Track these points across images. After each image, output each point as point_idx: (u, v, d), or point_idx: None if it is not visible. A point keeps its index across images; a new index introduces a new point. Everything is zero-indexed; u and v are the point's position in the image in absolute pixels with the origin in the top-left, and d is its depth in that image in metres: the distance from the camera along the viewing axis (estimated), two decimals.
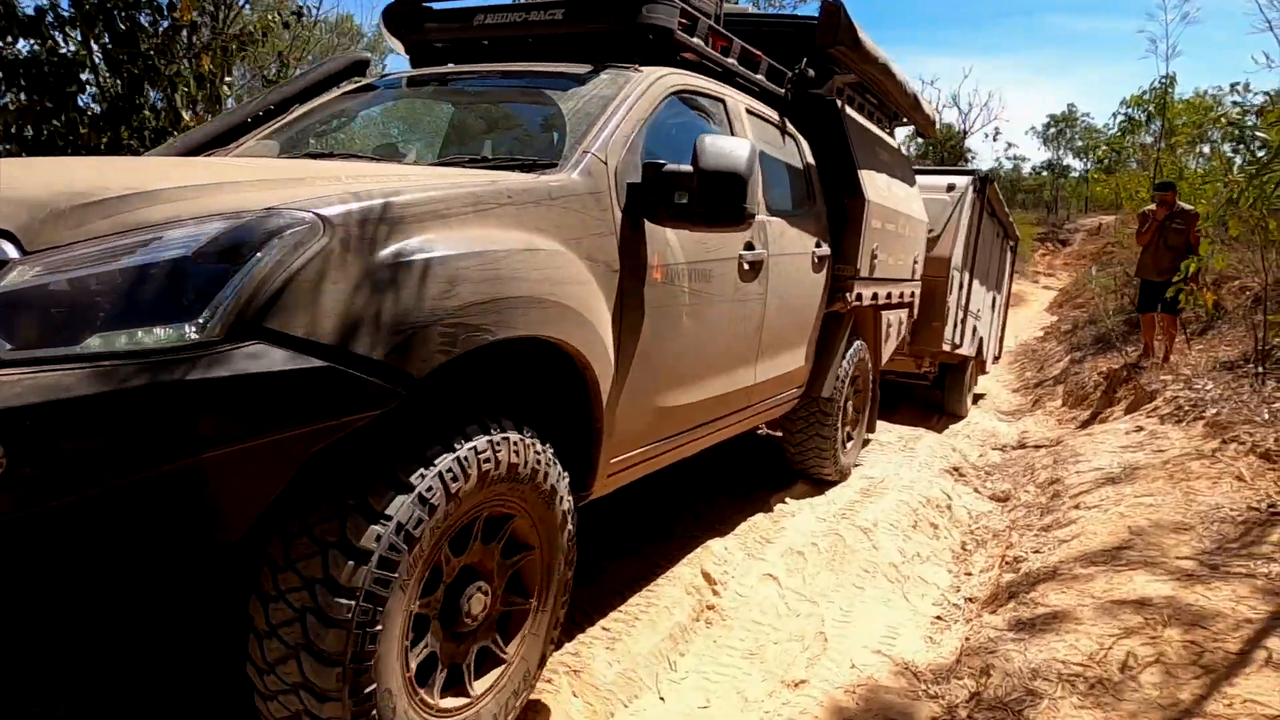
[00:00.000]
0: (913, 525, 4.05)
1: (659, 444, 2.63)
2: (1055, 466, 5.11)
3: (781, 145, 3.65)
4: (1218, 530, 3.37)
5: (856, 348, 4.39)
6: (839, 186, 4.00)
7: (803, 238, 3.56)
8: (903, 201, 4.74)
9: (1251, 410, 5.02)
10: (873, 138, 4.54)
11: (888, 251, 4.42)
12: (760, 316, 3.15)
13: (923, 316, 6.61)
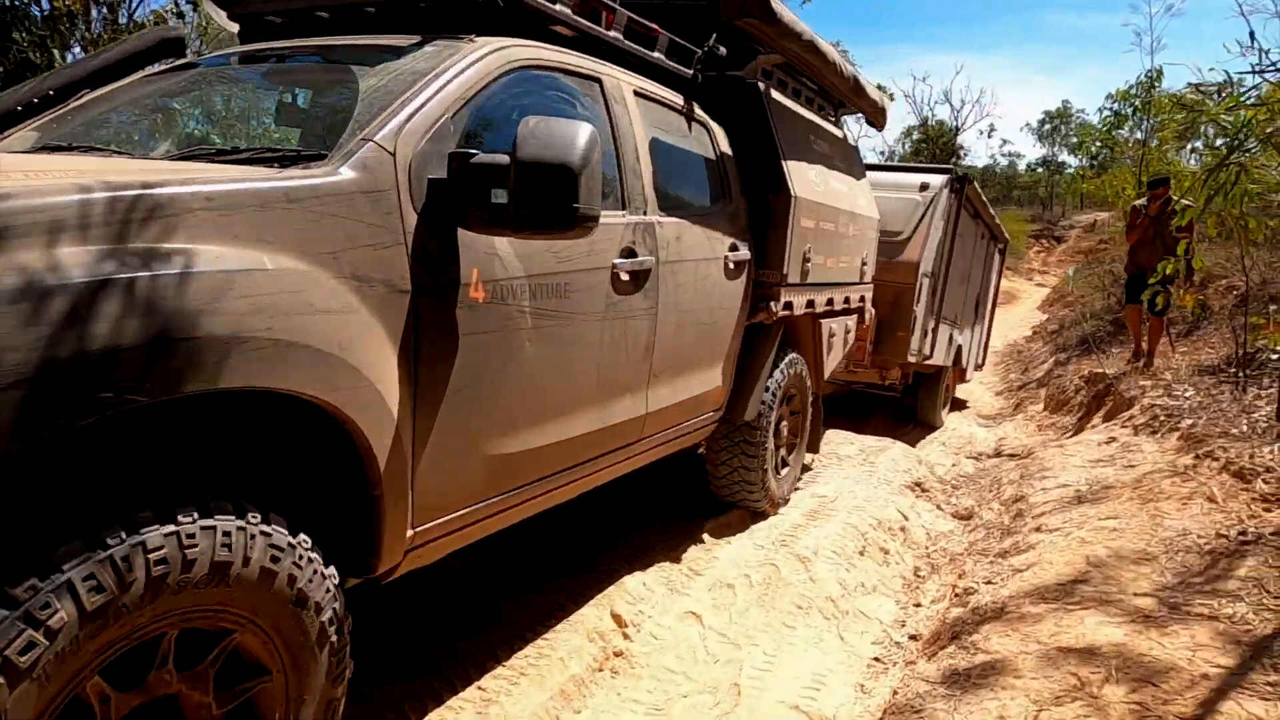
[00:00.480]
0: (860, 551, 3.76)
1: (500, 499, 2.16)
2: (1021, 482, 4.82)
3: (686, 133, 3.22)
4: (1182, 561, 3.07)
5: (789, 362, 3.97)
6: (762, 181, 3.55)
7: (712, 240, 3.15)
8: (845, 197, 4.31)
9: (1229, 421, 4.73)
10: (808, 126, 4.11)
11: (826, 253, 4.00)
12: (649, 335, 2.73)
13: (886, 326, 6.24)
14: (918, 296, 6.40)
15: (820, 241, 3.91)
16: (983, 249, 8.75)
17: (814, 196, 3.78)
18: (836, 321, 4.52)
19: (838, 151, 4.46)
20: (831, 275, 4.15)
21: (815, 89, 4.35)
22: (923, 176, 6.93)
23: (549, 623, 2.77)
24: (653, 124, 2.92)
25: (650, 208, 2.75)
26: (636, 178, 2.69)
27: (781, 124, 3.68)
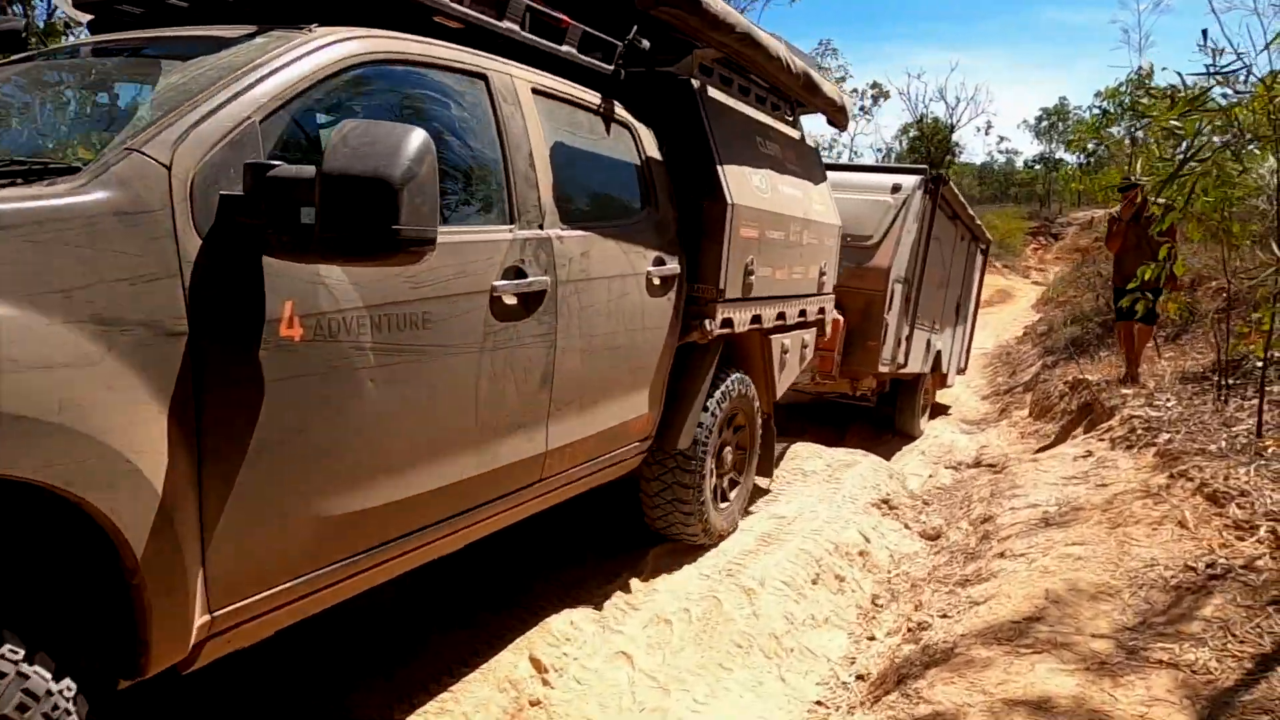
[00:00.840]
0: (812, 580, 3.56)
1: (346, 564, 1.85)
2: (991, 500, 4.62)
3: (603, 136, 2.92)
4: (1145, 598, 2.88)
5: (732, 384, 3.66)
6: (695, 187, 3.23)
7: (631, 254, 2.87)
8: (799, 203, 3.99)
9: (1208, 436, 4.53)
10: (754, 127, 3.78)
11: (774, 264, 3.69)
12: (546, 364, 2.44)
13: (857, 335, 5.98)
14: (889, 304, 6.09)
15: (767, 252, 3.60)
16: (963, 251, 8.46)
17: (757, 203, 3.48)
18: (790, 337, 4.20)
19: (792, 154, 4.15)
20: (782, 288, 3.86)
21: (766, 87, 4.03)
22: (895, 177, 6.59)
23: (459, 670, 2.57)
24: (558, 126, 2.63)
25: (548, 220, 2.45)
26: (530, 186, 2.39)
27: (719, 124, 3.36)
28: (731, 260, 3.29)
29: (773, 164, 3.79)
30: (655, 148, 3.20)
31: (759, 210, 3.49)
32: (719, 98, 3.49)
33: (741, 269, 3.40)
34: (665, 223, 3.14)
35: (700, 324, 3.25)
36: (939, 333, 7.78)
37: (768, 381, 4.05)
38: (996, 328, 18.06)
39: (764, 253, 3.58)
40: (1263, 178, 4.61)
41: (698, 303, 3.28)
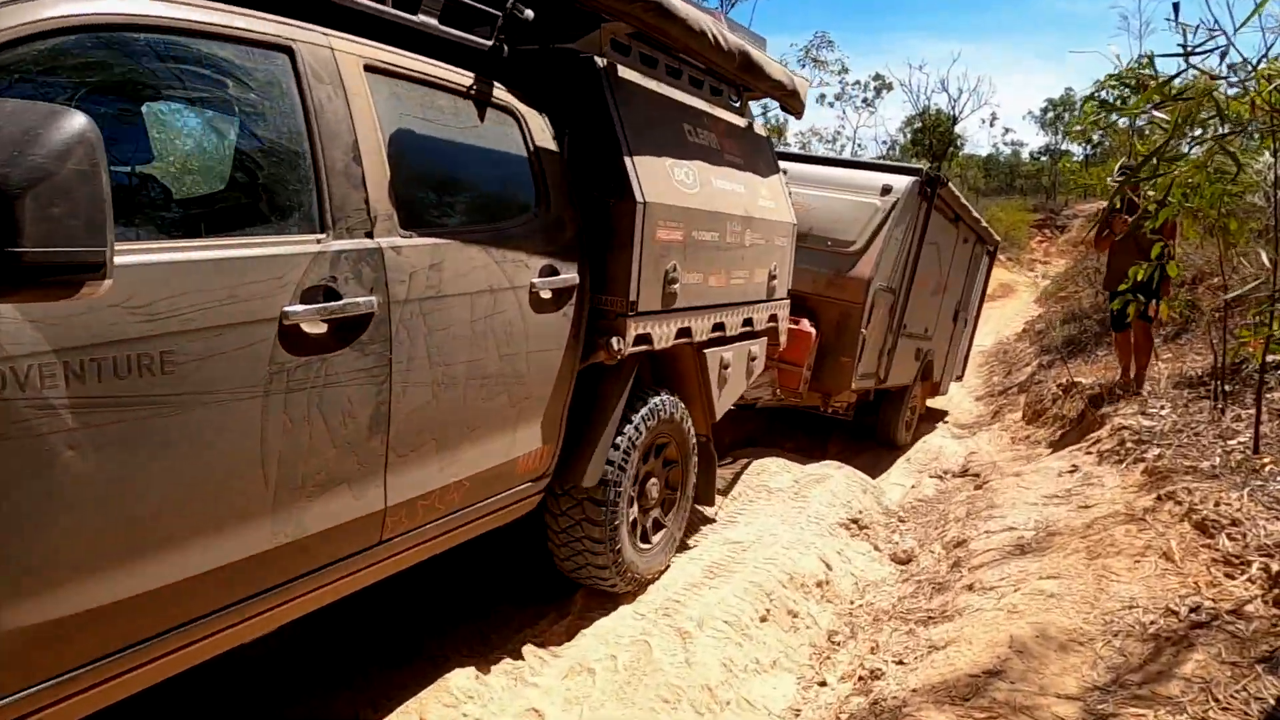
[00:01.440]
0: (761, 617, 3.25)
1: (65, 680, 1.46)
2: (967, 521, 4.30)
3: (474, 123, 2.45)
4: (1120, 649, 2.56)
5: (656, 407, 3.21)
6: (600, 183, 2.81)
7: (508, 264, 2.43)
8: (739, 199, 3.54)
9: (1201, 451, 4.20)
10: (684, 113, 3.32)
11: (705, 269, 3.27)
12: (377, 404, 2.00)
13: (829, 350, 5.54)
14: (866, 317, 5.58)
15: (696, 256, 3.20)
16: (965, 254, 7.86)
17: (680, 200, 3.05)
18: (733, 349, 3.75)
19: (734, 144, 3.68)
20: (718, 295, 3.43)
21: (703, 69, 3.54)
22: (886, 177, 5.98)
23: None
24: (405, 111, 2.19)
25: (381, 226, 2.01)
26: (354, 186, 1.96)
27: (632, 110, 2.93)
28: (646, 267, 2.88)
29: (706, 155, 3.35)
30: (550, 138, 2.75)
31: (683, 209, 3.07)
32: (634, 79, 3.04)
33: (660, 277, 2.99)
34: (560, 226, 2.71)
35: (607, 342, 2.83)
36: (930, 341, 7.32)
37: (705, 401, 3.61)
38: (998, 323, 17.67)
39: (692, 257, 3.17)
40: (1260, 173, 4.28)
41: (605, 317, 2.86)
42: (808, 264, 5.46)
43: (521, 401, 2.58)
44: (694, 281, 3.22)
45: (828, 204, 5.78)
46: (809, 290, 5.49)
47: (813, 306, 5.56)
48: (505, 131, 2.59)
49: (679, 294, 3.11)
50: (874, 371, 6.01)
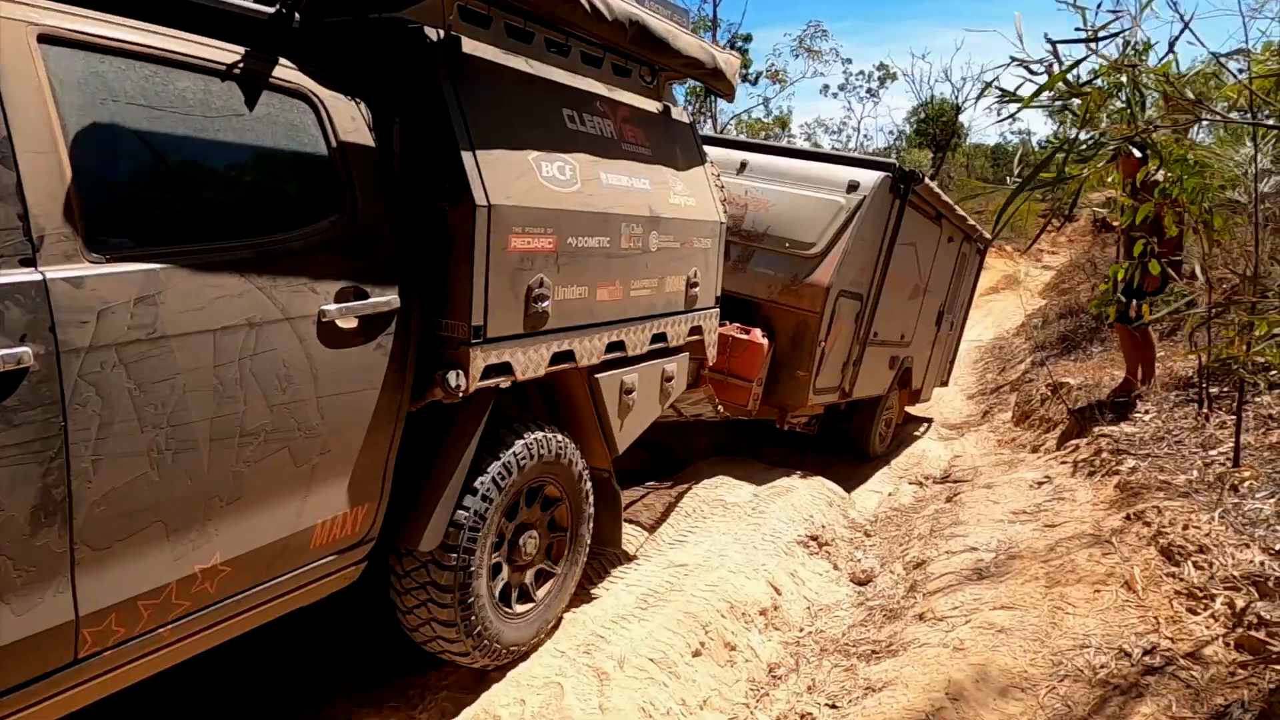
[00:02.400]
0: (695, 651, 3.03)
1: None
2: (930, 539, 4.07)
3: (240, 111, 1.92)
4: (1064, 697, 2.33)
5: (530, 448, 2.70)
6: (434, 183, 2.31)
7: (280, 289, 1.93)
8: (640, 197, 3.05)
9: (1179, 463, 3.95)
10: (563, 97, 2.81)
11: (592, 280, 2.81)
12: (43, 489, 1.54)
13: (783, 364, 5.05)
14: (826, 327, 5.04)
15: (575, 266, 2.71)
16: (950, 254, 7.23)
17: (547, 201, 2.55)
18: (638, 371, 3.24)
19: (638, 132, 3.17)
20: (612, 310, 2.95)
21: (599, 44, 3.01)
22: (854, 171, 5.34)
23: None
24: (112, 96, 1.68)
25: (47, 251, 1.53)
26: (6, 196, 1.49)
27: (480, 94, 2.41)
28: (496, 283, 2.38)
29: (594, 146, 2.88)
30: (364, 129, 2.22)
31: (551, 211, 2.57)
32: (488, 56, 2.51)
33: (521, 294, 2.50)
34: (372, 237, 2.19)
35: (443, 378, 2.31)
36: (909, 347, 6.79)
37: (604, 432, 3.13)
38: (1000, 316, 17.32)
39: (569, 268, 2.69)
40: (1240, 165, 4.02)
41: (445, 345, 2.36)
42: (763, 267, 5.15)
43: (314, 458, 2.07)
44: (574, 297, 2.73)
45: (788, 200, 5.31)
46: (763, 296, 5.11)
47: (767, 314, 5.14)
48: (291, 121, 2.05)
49: (550, 313, 2.62)
50: (837, 385, 5.51)
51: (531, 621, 2.89)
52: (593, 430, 3.11)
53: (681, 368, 3.56)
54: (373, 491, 2.29)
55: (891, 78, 35.81)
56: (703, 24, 23.14)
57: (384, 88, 2.31)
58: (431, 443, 2.50)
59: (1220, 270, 7.48)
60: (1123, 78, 2.00)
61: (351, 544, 2.28)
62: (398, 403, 2.29)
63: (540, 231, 2.54)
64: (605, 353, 2.96)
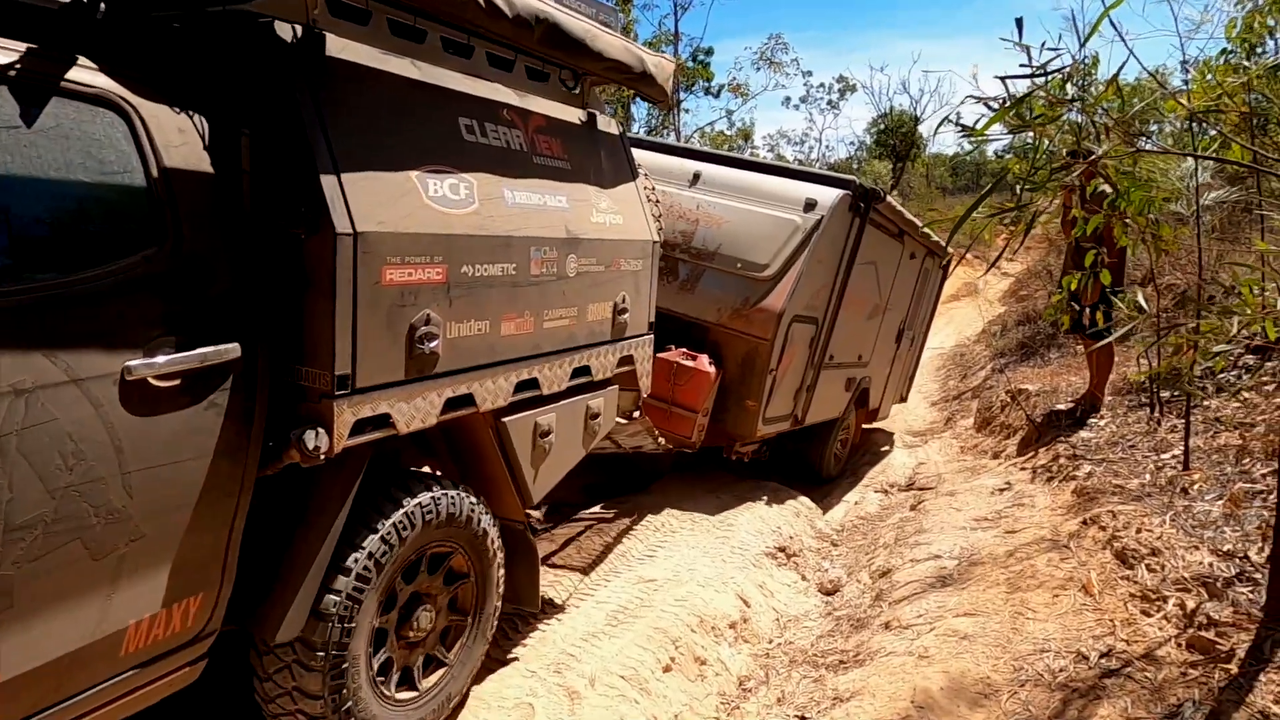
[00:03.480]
0: (665, 666, 3.05)
1: None
2: (895, 548, 4.14)
3: (15, 125, 1.54)
4: (1026, 701, 2.39)
5: (421, 509, 2.33)
6: (287, 208, 1.93)
7: (58, 346, 1.55)
8: (556, 217, 2.72)
9: (1132, 468, 4.07)
10: (457, 105, 2.42)
11: (496, 314, 2.45)
12: None
13: (731, 393, 4.75)
14: (778, 355, 4.72)
15: (471, 298, 2.34)
16: (911, 270, 6.93)
17: (432, 225, 2.19)
18: (556, 410, 2.87)
19: (556, 144, 2.83)
20: (520, 345, 2.58)
21: (510, 44, 2.65)
22: (812, 189, 4.97)
23: None
24: None
25: None
26: None
27: (349, 102, 2.06)
28: (368, 323, 2.01)
29: (498, 161, 2.51)
30: (193, 144, 1.82)
31: (439, 236, 2.21)
32: (364, 59, 2.13)
33: (400, 334, 2.12)
34: (201, 274, 1.80)
35: (300, 438, 1.92)
36: (866, 367, 6.52)
37: (514, 482, 2.76)
38: (961, 323, 17.64)
39: (464, 300, 2.32)
40: (1182, 180, 4.17)
41: (303, 397, 1.98)
42: (713, 288, 4.82)
43: (121, 547, 1.69)
44: (472, 333, 2.37)
45: (741, 218, 4.96)
46: (712, 320, 4.77)
47: (716, 339, 4.80)
48: (90, 135, 1.66)
49: (442, 353, 2.25)
50: (789, 413, 5.20)
51: (427, 705, 2.47)
52: (502, 480, 2.74)
53: (609, 403, 3.22)
54: (210, 577, 1.90)
55: (851, 89, 36.32)
56: (665, 38, 23.33)
57: (232, 95, 1.92)
58: (292, 513, 2.13)
59: (1170, 276, 7.72)
60: (1067, 110, 2.08)
61: (182, 643, 1.88)
62: (241, 471, 1.89)
63: (424, 261, 2.18)
64: (514, 393, 2.59)
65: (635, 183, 3.31)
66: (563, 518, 4.46)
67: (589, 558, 3.97)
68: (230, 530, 1.92)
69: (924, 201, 27.95)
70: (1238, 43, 5.61)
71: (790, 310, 4.71)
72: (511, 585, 2.88)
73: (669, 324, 4.68)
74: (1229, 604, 2.57)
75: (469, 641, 2.63)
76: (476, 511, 2.54)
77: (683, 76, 23.94)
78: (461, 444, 2.74)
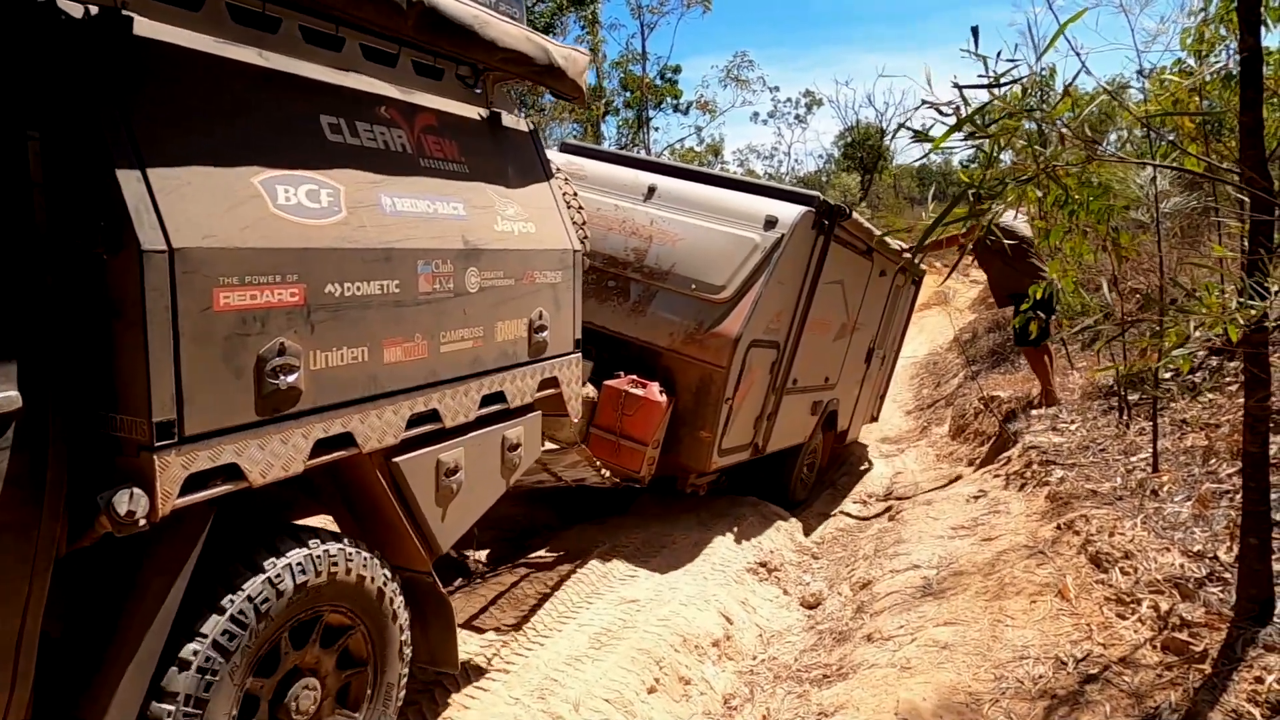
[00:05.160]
0: (649, 688, 3.03)
1: None
2: (874, 559, 4.16)
3: None
4: (1008, 710, 2.40)
5: (289, 572, 1.96)
6: (83, 223, 1.61)
7: None
8: (450, 226, 2.41)
9: (1104, 471, 4.13)
10: (319, 100, 2.12)
11: (375, 338, 2.13)
12: None
13: (684, 422, 4.43)
14: (734, 383, 4.40)
15: (341, 321, 2.02)
16: (882, 287, 6.61)
17: (284, 238, 1.89)
18: (465, 443, 2.54)
19: (449, 145, 2.53)
20: (412, 373, 2.26)
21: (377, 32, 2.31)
22: (774, 205, 4.66)
23: None
24: None
25: None
26: None
27: (165, 96, 1.74)
28: (196, 357, 1.69)
29: (370, 162, 2.20)
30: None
31: (293, 250, 1.91)
32: (192, 44, 1.83)
33: (244, 367, 1.80)
34: None
35: (110, 503, 1.57)
36: (834, 389, 6.20)
37: (416, 530, 2.39)
38: (933, 331, 17.83)
39: (330, 323, 1.99)
40: (1141, 188, 4.26)
41: (119, 450, 1.65)
42: (665, 310, 4.51)
43: None
44: (344, 362, 2.04)
45: (697, 235, 4.64)
46: (664, 345, 4.46)
47: (668, 365, 4.48)
48: None
49: (304, 387, 1.91)
50: (748, 442, 4.89)
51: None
52: (401, 528, 2.35)
53: (531, 431, 2.90)
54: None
55: (817, 104, 36.81)
56: (633, 56, 23.50)
57: (13, 91, 1.56)
58: (115, 595, 1.76)
59: (1133, 280, 7.89)
60: (1024, 121, 2.13)
61: None
62: (30, 549, 1.54)
63: (273, 280, 1.86)
64: (407, 428, 2.26)
65: (549, 185, 3.02)
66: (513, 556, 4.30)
67: (519, 613, 3.60)
68: (21, 625, 1.55)
69: (893, 212, 28.31)
70: (1192, 52, 5.78)
71: (748, 335, 4.42)
72: (426, 645, 2.55)
73: (619, 349, 4.56)
74: (1201, 604, 2.61)
75: (375, 697, 2.29)
76: (369, 568, 2.19)
77: (651, 94, 24.12)
78: (351, 490, 2.37)
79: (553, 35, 20.58)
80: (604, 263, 4.72)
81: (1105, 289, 2.88)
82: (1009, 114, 2.02)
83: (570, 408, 3.09)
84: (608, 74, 23.05)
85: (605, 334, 4.60)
